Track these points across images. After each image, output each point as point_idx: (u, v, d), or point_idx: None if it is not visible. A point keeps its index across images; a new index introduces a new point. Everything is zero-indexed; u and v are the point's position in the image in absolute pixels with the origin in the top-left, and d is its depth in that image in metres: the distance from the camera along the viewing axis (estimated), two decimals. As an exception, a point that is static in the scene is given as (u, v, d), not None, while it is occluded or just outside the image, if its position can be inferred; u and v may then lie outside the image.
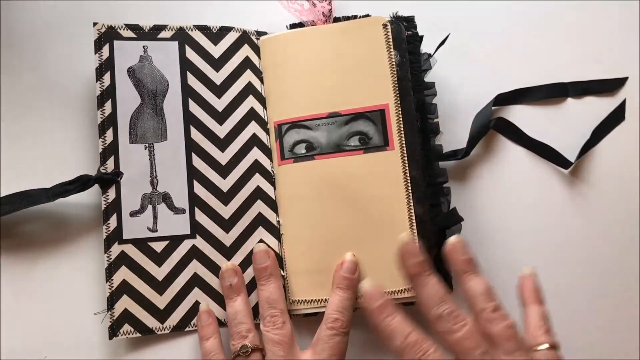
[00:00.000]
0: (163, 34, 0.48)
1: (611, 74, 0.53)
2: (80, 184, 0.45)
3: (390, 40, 0.46)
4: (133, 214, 0.46)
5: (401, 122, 0.46)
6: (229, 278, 0.46)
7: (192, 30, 0.49)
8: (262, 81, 0.49)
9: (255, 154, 0.48)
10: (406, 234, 0.42)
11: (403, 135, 0.46)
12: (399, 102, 0.46)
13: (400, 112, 0.46)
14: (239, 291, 0.45)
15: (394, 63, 0.46)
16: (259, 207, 0.48)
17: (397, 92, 0.46)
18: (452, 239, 0.41)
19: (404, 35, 0.47)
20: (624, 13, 0.54)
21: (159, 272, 0.46)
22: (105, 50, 0.47)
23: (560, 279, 0.49)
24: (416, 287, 0.40)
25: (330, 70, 0.47)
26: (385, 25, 0.47)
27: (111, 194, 0.46)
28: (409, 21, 0.48)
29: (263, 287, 0.45)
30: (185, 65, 0.48)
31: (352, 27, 0.47)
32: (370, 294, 0.40)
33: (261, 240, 0.47)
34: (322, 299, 0.46)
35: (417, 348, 0.38)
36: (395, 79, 0.46)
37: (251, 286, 0.47)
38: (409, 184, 0.45)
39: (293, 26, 0.50)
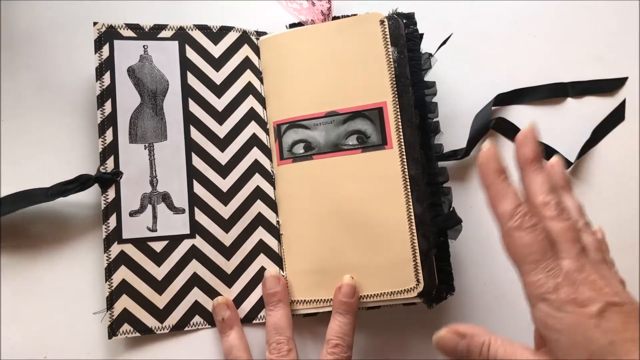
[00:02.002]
0: (163, 34, 0.48)
1: (611, 74, 0.53)
2: (80, 183, 0.45)
3: (388, 36, 0.46)
4: (133, 213, 0.46)
5: (399, 120, 0.45)
6: (221, 312, 0.45)
7: (192, 30, 0.49)
8: (261, 81, 0.49)
9: (255, 154, 0.48)
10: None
11: (402, 134, 0.45)
12: (397, 99, 0.46)
13: (398, 110, 0.46)
14: (232, 325, 0.45)
15: (391, 60, 0.46)
16: (259, 207, 0.48)
17: (395, 89, 0.46)
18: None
19: (402, 32, 0.46)
20: (624, 13, 0.54)
21: (159, 272, 0.46)
22: (105, 50, 0.47)
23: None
24: (528, 173, 0.35)
25: (329, 68, 0.47)
26: (382, 22, 0.46)
27: (111, 193, 0.46)
28: (409, 18, 0.47)
29: (271, 312, 0.45)
30: (186, 65, 0.48)
31: (350, 24, 0.47)
32: (487, 153, 0.36)
33: (261, 240, 0.47)
34: (321, 299, 0.46)
35: (526, 218, 0.33)
36: (393, 76, 0.46)
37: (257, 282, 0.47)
38: (408, 183, 0.45)
39: (292, 26, 0.50)
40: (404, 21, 0.47)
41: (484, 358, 0.34)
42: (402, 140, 0.45)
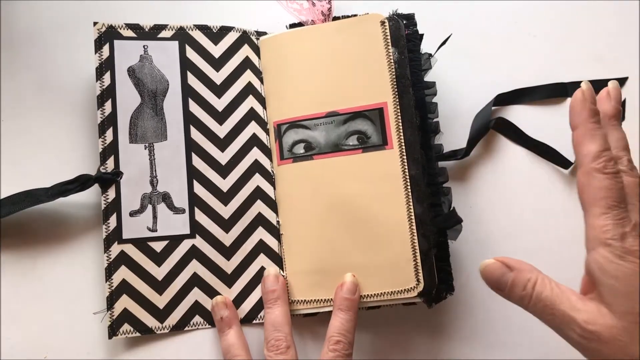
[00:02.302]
0: (163, 34, 0.48)
1: (611, 74, 0.53)
2: (80, 183, 0.45)
3: (389, 37, 0.46)
4: (133, 213, 0.46)
5: (400, 121, 0.45)
6: (220, 311, 0.45)
7: (192, 30, 0.49)
8: (262, 81, 0.49)
9: (255, 154, 0.48)
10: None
11: (402, 134, 0.45)
12: (397, 100, 0.46)
13: (399, 111, 0.46)
14: (230, 324, 0.45)
15: (392, 60, 0.46)
16: (259, 207, 0.48)
17: (396, 90, 0.46)
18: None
19: (403, 33, 0.46)
20: (624, 13, 0.54)
21: (159, 272, 0.46)
22: (106, 50, 0.47)
23: (560, 279, 0.49)
24: (607, 128, 0.35)
25: (329, 69, 0.47)
26: (383, 23, 0.46)
27: (111, 193, 0.46)
28: (409, 19, 0.47)
29: (269, 310, 0.45)
30: (186, 65, 0.48)
31: (350, 25, 0.47)
32: (585, 93, 0.36)
33: (261, 240, 0.47)
34: (321, 299, 0.46)
35: (610, 163, 0.33)
36: (394, 76, 0.46)
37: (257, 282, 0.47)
38: (408, 183, 0.45)
39: (293, 26, 0.50)
40: (404, 22, 0.47)
41: (528, 294, 0.34)
42: (403, 140, 0.45)
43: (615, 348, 0.31)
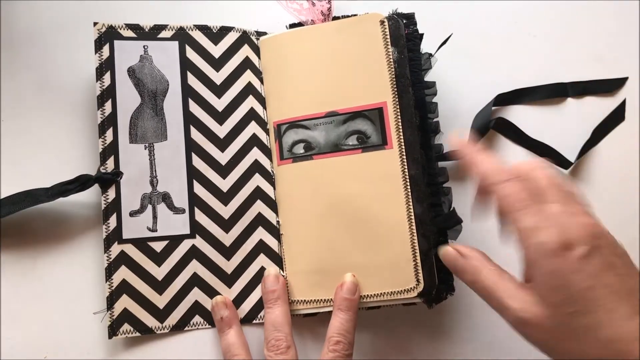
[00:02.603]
0: (163, 34, 0.48)
1: (611, 74, 0.53)
2: (80, 183, 0.45)
3: (388, 37, 0.46)
4: (133, 213, 0.46)
5: (399, 121, 0.45)
6: (220, 311, 0.45)
7: (192, 30, 0.49)
8: (262, 81, 0.49)
9: (255, 154, 0.48)
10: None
11: (402, 134, 0.45)
12: (397, 100, 0.46)
13: (398, 110, 0.46)
14: (230, 324, 0.45)
15: (392, 60, 0.46)
16: (259, 207, 0.48)
17: (395, 89, 0.46)
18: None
19: (402, 32, 0.46)
20: (624, 13, 0.54)
21: (159, 272, 0.46)
22: (106, 50, 0.47)
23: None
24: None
25: (329, 68, 0.47)
26: (382, 22, 0.46)
27: (111, 193, 0.46)
28: (409, 18, 0.47)
29: (270, 310, 0.45)
30: (186, 65, 0.48)
31: (350, 25, 0.47)
32: (460, 139, 0.40)
33: (261, 240, 0.47)
34: (321, 299, 0.46)
35: (506, 174, 0.36)
36: (393, 76, 0.46)
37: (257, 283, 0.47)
38: (408, 183, 0.45)
39: (293, 26, 0.50)
40: (404, 21, 0.47)
41: (473, 280, 0.37)
42: (402, 140, 0.45)
43: (543, 333, 0.33)
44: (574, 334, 0.32)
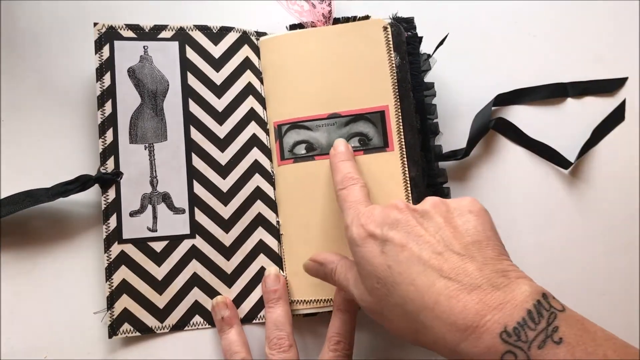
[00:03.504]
0: (163, 34, 0.48)
1: (611, 74, 0.53)
2: (81, 183, 0.45)
3: (391, 42, 0.46)
4: (133, 213, 0.46)
5: (401, 124, 0.46)
6: (220, 311, 0.46)
7: (192, 30, 0.49)
8: (262, 82, 0.49)
9: (255, 154, 0.48)
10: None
11: (403, 137, 0.46)
12: (398, 103, 0.46)
13: (400, 114, 0.46)
14: (231, 323, 0.45)
15: (394, 65, 0.46)
16: (259, 207, 0.48)
17: (397, 94, 0.46)
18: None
19: (403, 37, 0.47)
20: (624, 13, 0.54)
21: (159, 272, 0.46)
22: (106, 51, 0.47)
23: (560, 279, 0.49)
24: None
25: (331, 71, 0.47)
26: (385, 28, 0.47)
27: (111, 193, 0.46)
28: (409, 22, 0.47)
29: (271, 309, 0.45)
30: (186, 66, 0.48)
31: (352, 29, 0.47)
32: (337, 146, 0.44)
33: (261, 241, 0.48)
34: (321, 299, 0.46)
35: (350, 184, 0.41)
36: (395, 81, 0.46)
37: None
38: (409, 185, 0.45)
39: (293, 27, 0.50)
40: (404, 25, 0.47)
41: (335, 280, 0.40)
42: (403, 142, 0.45)
43: (379, 317, 0.36)
44: (394, 314, 0.34)
